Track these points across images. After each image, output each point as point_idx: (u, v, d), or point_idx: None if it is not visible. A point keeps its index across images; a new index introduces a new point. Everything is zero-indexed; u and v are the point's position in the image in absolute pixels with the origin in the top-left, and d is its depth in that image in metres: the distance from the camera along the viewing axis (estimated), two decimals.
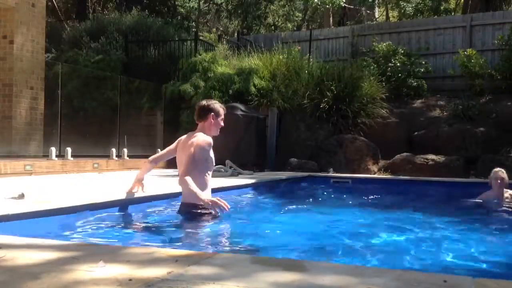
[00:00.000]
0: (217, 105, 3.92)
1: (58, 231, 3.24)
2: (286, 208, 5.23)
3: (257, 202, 5.86)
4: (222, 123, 3.93)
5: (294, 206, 5.32)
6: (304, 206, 5.42)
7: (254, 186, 6.61)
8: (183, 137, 4.03)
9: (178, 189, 5.21)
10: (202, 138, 3.79)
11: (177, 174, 3.87)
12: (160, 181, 6.62)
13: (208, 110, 3.85)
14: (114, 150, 9.44)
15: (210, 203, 3.61)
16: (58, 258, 2.01)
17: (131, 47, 12.79)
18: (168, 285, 1.62)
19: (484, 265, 2.79)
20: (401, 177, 8.31)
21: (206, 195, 3.70)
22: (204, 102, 3.94)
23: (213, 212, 3.77)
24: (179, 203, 3.97)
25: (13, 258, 2.00)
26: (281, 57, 11.06)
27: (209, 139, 3.83)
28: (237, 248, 3.11)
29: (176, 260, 1.97)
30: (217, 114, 3.88)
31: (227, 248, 3.09)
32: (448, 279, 1.77)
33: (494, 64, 11.23)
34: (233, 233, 3.72)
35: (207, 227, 3.65)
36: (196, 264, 1.91)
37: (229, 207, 3.62)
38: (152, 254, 2.14)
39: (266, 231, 3.77)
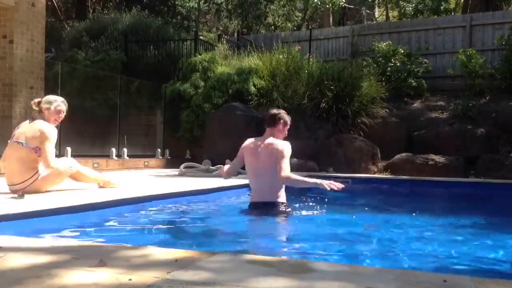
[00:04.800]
0: (286, 116, 4.35)
1: (58, 231, 3.24)
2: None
3: None
4: (286, 133, 4.35)
5: (292, 206, 5.31)
6: (303, 206, 5.41)
7: None
8: (249, 143, 4.36)
9: (177, 188, 5.21)
10: (282, 142, 4.20)
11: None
12: (158, 181, 6.61)
13: (278, 118, 4.26)
14: (114, 149, 9.44)
15: (326, 185, 3.83)
16: (58, 258, 2.01)
17: (131, 47, 12.78)
18: (168, 285, 1.62)
19: (484, 265, 2.79)
20: (402, 177, 8.30)
21: (315, 180, 4.05)
22: (275, 111, 4.35)
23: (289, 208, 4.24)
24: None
25: (12, 258, 2.00)
26: (281, 56, 11.05)
27: None
28: (236, 248, 3.11)
29: (176, 260, 1.97)
30: (285, 124, 4.30)
31: (227, 248, 3.08)
32: (448, 279, 1.77)
33: (494, 64, 11.23)
34: (232, 233, 3.72)
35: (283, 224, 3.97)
36: (196, 264, 1.91)
37: (342, 186, 3.89)
38: (152, 254, 2.14)
39: (266, 231, 3.77)
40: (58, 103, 4.69)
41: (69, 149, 8.25)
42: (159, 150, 10.84)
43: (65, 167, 4.66)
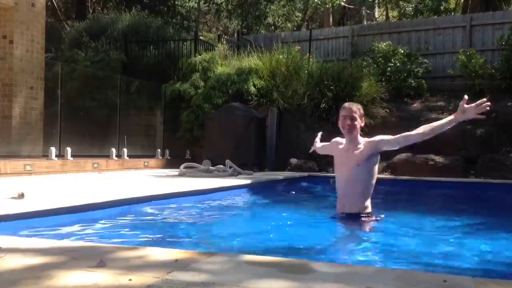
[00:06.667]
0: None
1: (58, 231, 3.24)
2: (285, 208, 5.23)
3: (256, 202, 5.86)
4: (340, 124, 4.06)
5: (292, 206, 5.32)
6: (302, 206, 5.41)
7: (253, 186, 6.62)
8: None
9: (177, 189, 5.21)
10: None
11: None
12: (158, 181, 6.61)
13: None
14: (114, 150, 9.44)
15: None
16: (58, 258, 2.01)
17: (130, 47, 12.78)
18: (168, 285, 1.62)
19: (484, 265, 2.79)
20: (402, 177, 8.30)
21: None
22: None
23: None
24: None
25: (12, 258, 2.00)
26: (281, 57, 11.05)
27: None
28: (237, 248, 3.11)
29: (176, 260, 1.97)
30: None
31: (227, 249, 3.08)
32: (448, 279, 1.77)
33: (494, 64, 11.23)
34: (232, 233, 3.72)
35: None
36: (196, 265, 1.91)
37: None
38: (152, 254, 2.14)
39: (265, 231, 3.77)
40: None
41: (69, 149, 8.25)
42: (159, 150, 10.84)
43: None
